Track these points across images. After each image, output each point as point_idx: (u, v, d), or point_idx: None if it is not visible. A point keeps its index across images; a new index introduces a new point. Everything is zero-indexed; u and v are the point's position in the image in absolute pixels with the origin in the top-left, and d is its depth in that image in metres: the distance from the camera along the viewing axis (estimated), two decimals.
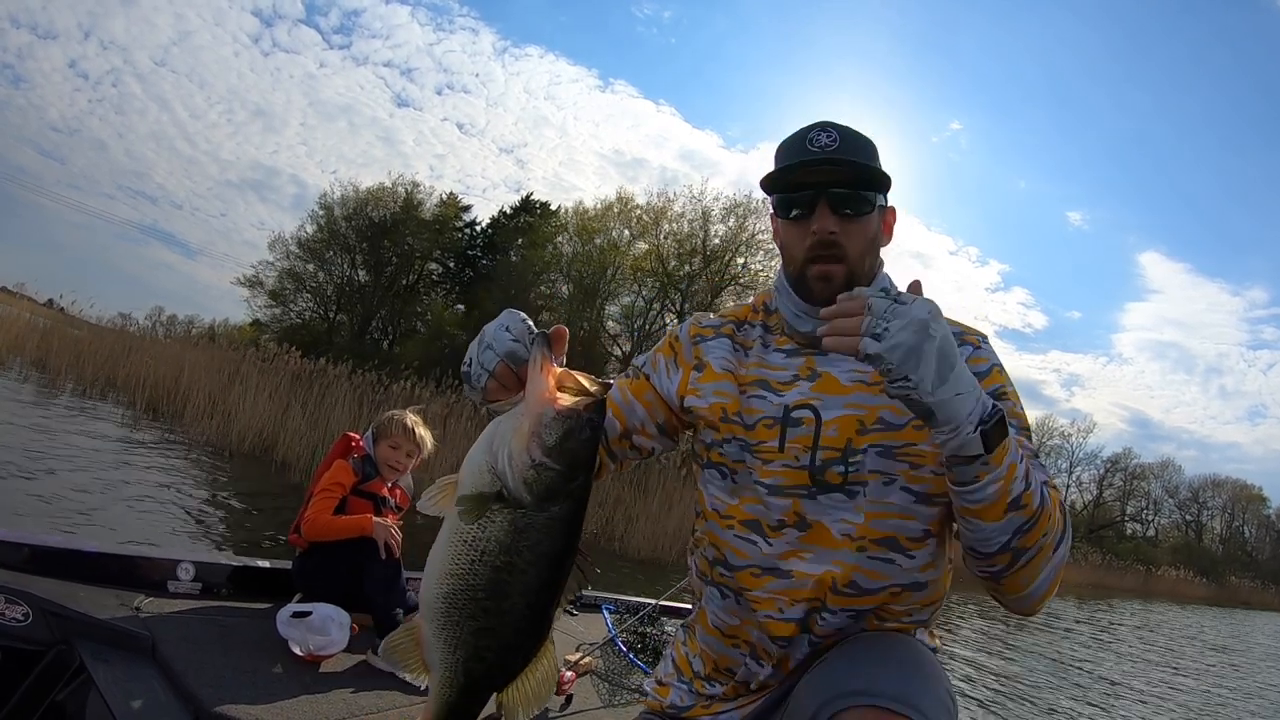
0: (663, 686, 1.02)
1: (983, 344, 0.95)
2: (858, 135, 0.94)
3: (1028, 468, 0.79)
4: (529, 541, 0.67)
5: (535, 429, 0.66)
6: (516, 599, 0.67)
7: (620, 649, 2.13)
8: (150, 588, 1.66)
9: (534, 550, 0.67)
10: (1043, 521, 0.79)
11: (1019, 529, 0.77)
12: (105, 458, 5.55)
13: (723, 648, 0.95)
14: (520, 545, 0.66)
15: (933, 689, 0.75)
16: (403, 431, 1.99)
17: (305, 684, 1.49)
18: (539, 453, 0.65)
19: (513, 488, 0.66)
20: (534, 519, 0.66)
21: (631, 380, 1.04)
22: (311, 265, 22.58)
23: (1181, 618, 17.65)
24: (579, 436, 0.67)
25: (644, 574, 6.62)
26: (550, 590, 0.69)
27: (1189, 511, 38.78)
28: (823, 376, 0.92)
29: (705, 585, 0.98)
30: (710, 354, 0.99)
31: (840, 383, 0.91)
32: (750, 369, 0.97)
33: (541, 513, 0.66)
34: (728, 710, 0.94)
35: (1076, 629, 10.78)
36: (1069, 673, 6.76)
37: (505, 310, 0.80)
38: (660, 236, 20.72)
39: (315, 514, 1.85)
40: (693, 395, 0.98)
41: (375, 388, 8.73)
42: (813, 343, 0.93)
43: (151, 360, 9.62)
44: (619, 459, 1.04)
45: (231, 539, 4.40)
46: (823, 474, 0.88)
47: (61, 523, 3.69)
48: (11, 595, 1.34)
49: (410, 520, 1.97)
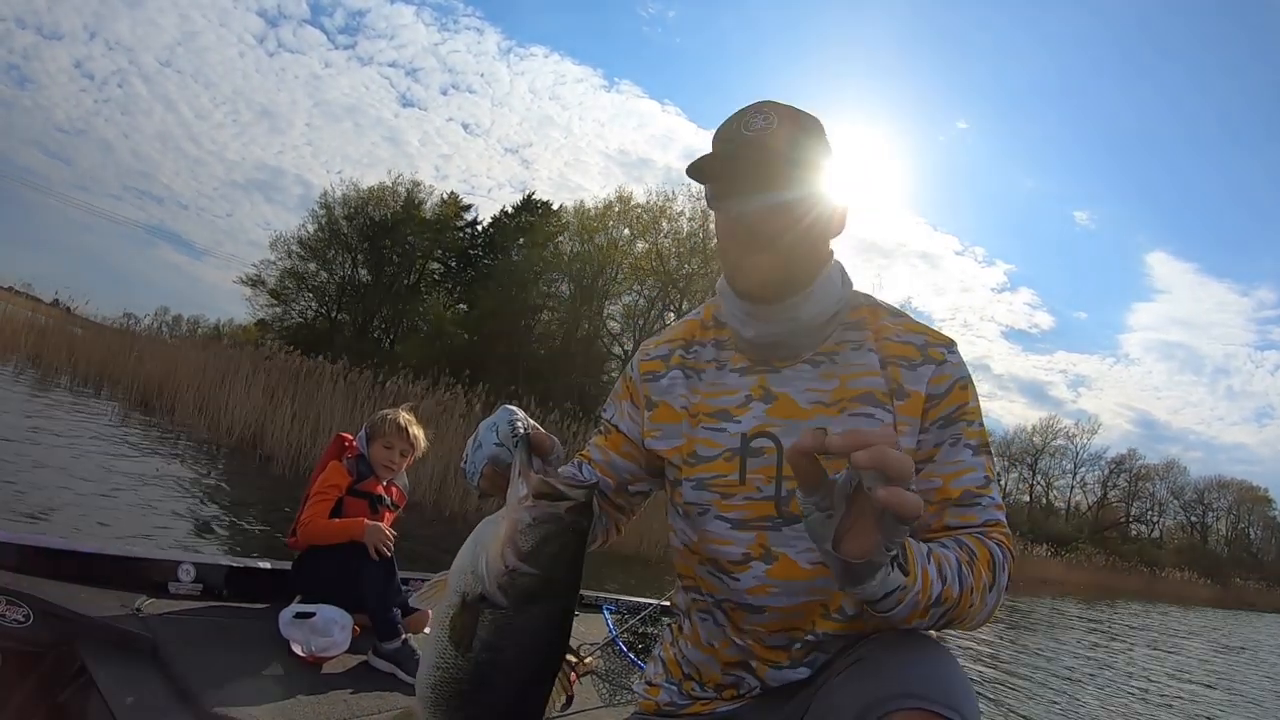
0: (653, 687, 1.01)
1: (948, 356, 0.88)
2: (798, 114, 0.87)
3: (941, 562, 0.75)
4: (510, 640, 0.68)
5: (510, 535, 0.67)
6: (501, 693, 0.69)
7: (620, 649, 2.13)
8: (151, 589, 1.66)
9: (516, 648, 0.69)
10: (964, 600, 0.76)
11: (943, 616, 0.76)
12: (95, 453, 5.56)
13: (714, 664, 0.93)
14: (502, 644, 0.68)
15: (971, 694, 0.74)
16: (396, 431, 1.99)
17: (306, 685, 1.49)
18: (514, 559, 0.67)
19: (490, 592, 0.67)
20: (514, 620, 0.68)
21: (605, 436, 1.02)
22: (313, 264, 22.65)
23: (1183, 619, 17.59)
24: (557, 542, 0.68)
25: (628, 571, 6.62)
26: (535, 686, 0.71)
27: (1194, 513, 38.69)
28: (779, 399, 0.88)
29: (690, 602, 0.96)
30: (664, 394, 0.95)
31: (799, 405, 0.86)
32: (706, 399, 0.92)
33: (520, 615, 0.68)
34: (727, 706, 0.92)
35: (1075, 630, 10.75)
36: (1069, 672, 6.74)
37: (501, 407, 0.82)
38: (660, 235, 20.74)
39: (310, 517, 1.86)
40: (651, 438, 0.95)
41: (371, 387, 8.75)
42: (762, 356, 0.90)
43: (147, 358, 9.69)
44: (626, 510, 1.03)
45: (226, 537, 4.40)
46: (788, 504, 0.84)
47: (48, 519, 3.69)
48: (12, 597, 1.34)
49: (408, 519, 1.98)
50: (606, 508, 1.00)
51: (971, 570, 0.77)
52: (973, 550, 0.80)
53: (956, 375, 0.88)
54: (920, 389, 0.86)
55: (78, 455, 5.33)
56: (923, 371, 0.86)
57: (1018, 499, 34.18)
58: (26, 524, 3.49)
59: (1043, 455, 35.81)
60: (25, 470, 4.49)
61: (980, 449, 0.87)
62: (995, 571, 0.80)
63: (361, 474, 1.95)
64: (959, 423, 0.86)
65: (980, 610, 0.79)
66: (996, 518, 0.85)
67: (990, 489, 0.86)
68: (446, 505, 6.43)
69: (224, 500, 5.24)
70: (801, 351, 0.89)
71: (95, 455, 5.50)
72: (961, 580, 0.76)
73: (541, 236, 21.71)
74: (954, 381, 0.87)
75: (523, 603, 0.68)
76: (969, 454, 0.86)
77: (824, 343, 0.89)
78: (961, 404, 0.87)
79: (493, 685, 0.69)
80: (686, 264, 20.29)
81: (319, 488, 1.89)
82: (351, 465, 1.95)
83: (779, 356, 0.89)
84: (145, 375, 9.07)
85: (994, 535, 0.84)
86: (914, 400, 0.85)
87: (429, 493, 6.69)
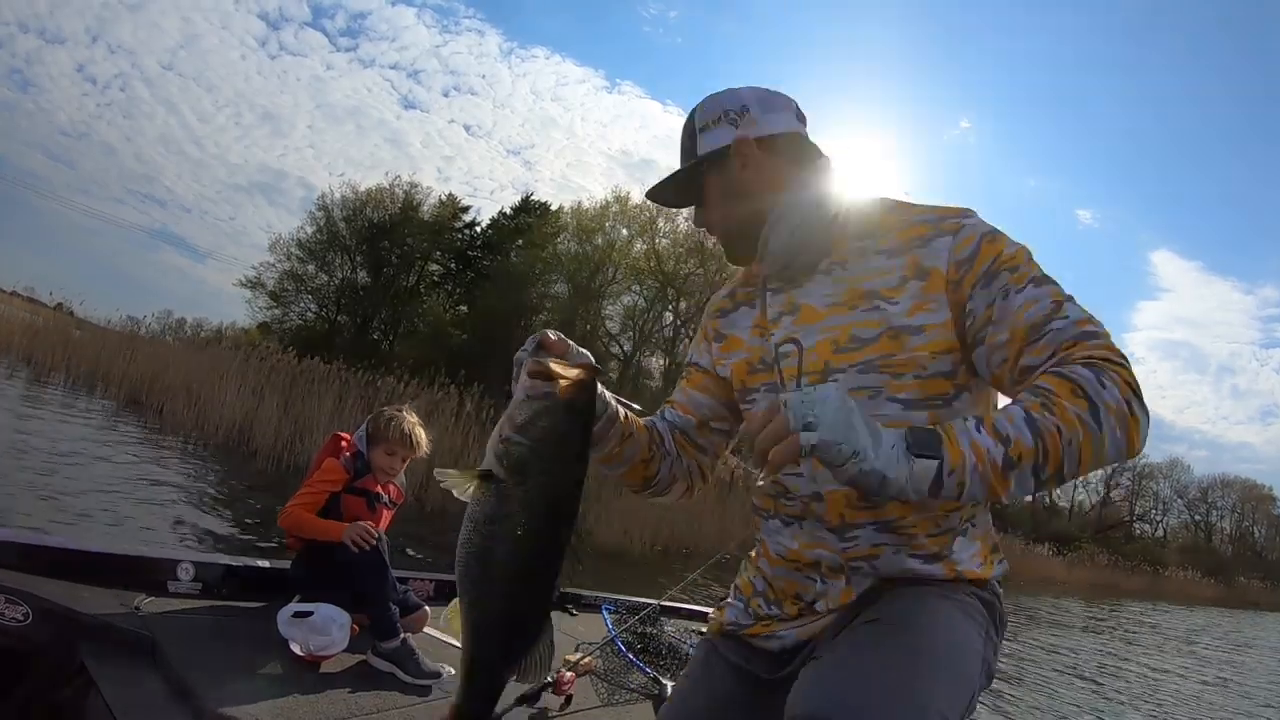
0: (720, 609, 1.07)
1: (964, 222, 0.87)
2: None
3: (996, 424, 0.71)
4: (509, 510, 0.73)
5: (508, 411, 0.75)
6: (505, 563, 0.74)
7: (620, 649, 2.12)
8: (150, 588, 1.67)
9: (514, 519, 0.73)
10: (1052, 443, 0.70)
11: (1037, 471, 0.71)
12: (85, 452, 5.58)
13: (789, 574, 0.97)
14: (502, 514, 0.73)
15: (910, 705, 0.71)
16: (399, 438, 1.96)
17: (305, 684, 1.49)
18: (508, 430, 0.74)
19: (490, 464, 0.74)
20: (511, 491, 0.73)
21: (687, 378, 1.11)
22: (312, 266, 22.63)
23: (1186, 618, 17.53)
24: (548, 416, 0.74)
25: (610, 566, 6.61)
26: (536, 559, 0.75)
27: (1198, 511, 38.56)
28: (802, 309, 0.95)
29: (765, 520, 1.02)
30: (731, 327, 1.06)
31: (817, 310, 0.93)
32: (756, 322, 1.02)
33: (517, 486, 0.73)
34: (787, 629, 0.97)
35: (1078, 628, 10.73)
36: (1069, 671, 6.72)
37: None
38: (657, 236, 20.74)
39: (295, 507, 1.83)
40: (720, 365, 1.06)
41: (364, 386, 8.75)
42: (784, 279, 0.98)
43: (139, 358, 9.74)
44: (708, 451, 1.10)
45: (221, 535, 4.41)
46: None
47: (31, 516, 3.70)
48: (12, 595, 1.34)
49: (405, 517, 1.97)
50: (689, 450, 1.08)
51: (1051, 410, 0.72)
52: (1048, 390, 0.73)
53: (980, 233, 0.86)
54: (940, 265, 0.86)
55: (68, 453, 5.35)
56: (938, 245, 0.86)
57: (1020, 498, 34.00)
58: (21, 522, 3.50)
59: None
60: (15, 470, 4.50)
61: (1039, 281, 0.82)
62: (1090, 393, 0.72)
63: (359, 471, 1.94)
64: (1001, 274, 0.84)
65: (1099, 439, 0.71)
66: (1073, 335, 0.78)
67: (1062, 310, 0.80)
68: (429, 502, 6.48)
69: (209, 496, 5.24)
70: (811, 266, 0.95)
71: (86, 453, 5.52)
72: (1034, 427, 0.71)
73: (540, 237, 21.71)
74: (978, 240, 0.86)
75: (518, 473, 0.73)
76: (1028, 292, 0.81)
77: (835, 254, 0.94)
78: (995, 256, 0.85)
79: (494, 556, 0.74)
80: (684, 264, 20.28)
81: (312, 482, 1.89)
82: (349, 462, 1.94)
83: (793, 276, 0.96)
84: (136, 375, 9.13)
85: (1076, 357, 0.76)
86: (935, 278, 0.86)
87: (411, 489, 6.69)
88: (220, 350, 11.06)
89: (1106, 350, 0.76)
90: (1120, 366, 0.74)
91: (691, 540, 8.34)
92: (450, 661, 1.75)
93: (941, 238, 0.87)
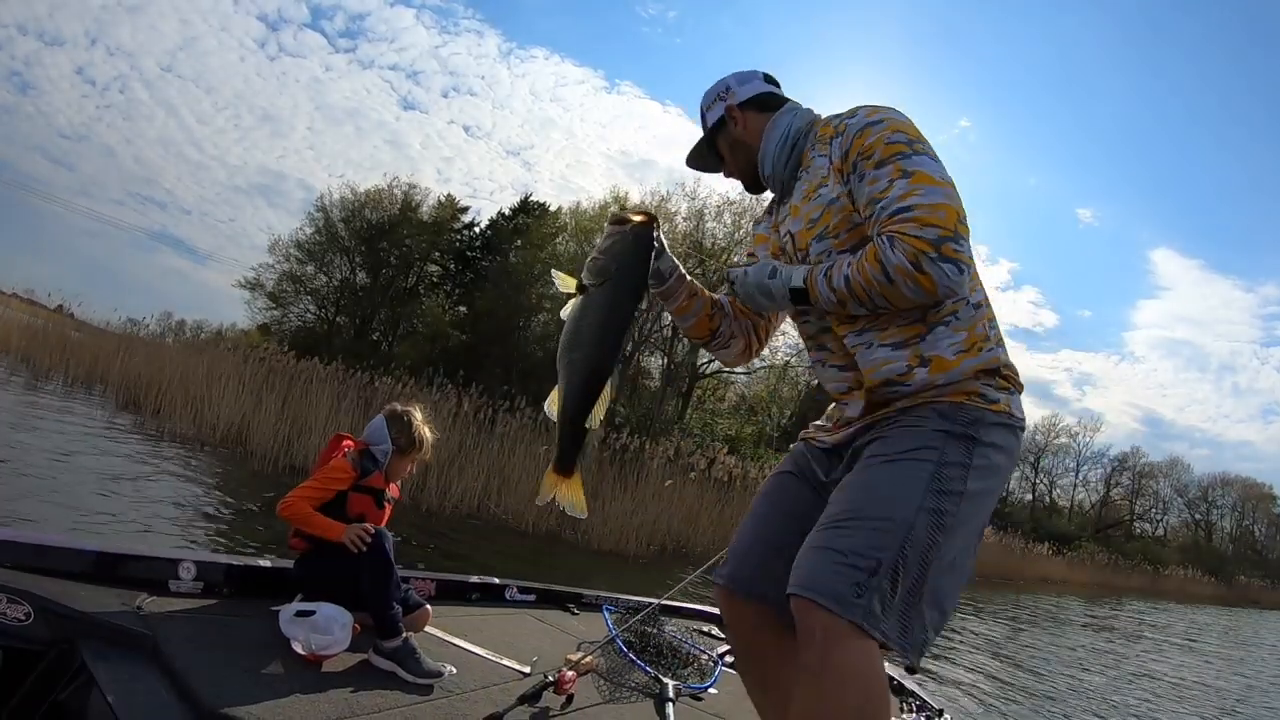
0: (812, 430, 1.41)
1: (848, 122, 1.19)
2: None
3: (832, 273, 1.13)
4: (591, 305, 1.21)
5: (598, 242, 1.24)
6: (586, 343, 1.19)
7: (621, 649, 2.12)
8: (152, 587, 1.66)
9: (594, 312, 1.20)
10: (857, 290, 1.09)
11: (862, 306, 1.11)
12: (86, 452, 5.59)
13: (824, 399, 1.37)
14: (586, 308, 1.21)
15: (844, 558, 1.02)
16: (422, 448, 2.03)
17: (307, 684, 1.49)
18: (595, 250, 1.22)
19: (582, 276, 1.23)
20: (594, 295, 1.20)
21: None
22: (311, 267, 22.60)
23: (1186, 616, 17.53)
24: (620, 241, 1.22)
25: (605, 567, 6.61)
26: (608, 331, 1.20)
27: (1198, 510, 38.55)
28: (790, 209, 1.28)
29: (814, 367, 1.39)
30: (762, 227, 1.42)
31: (797, 206, 1.26)
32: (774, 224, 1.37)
33: (598, 290, 1.20)
34: (827, 435, 1.31)
35: (1077, 627, 10.72)
36: (1070, 670, 6.72)
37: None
38: None
39: (297, 498, 1.83)
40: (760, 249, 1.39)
41: (362, 387, 8.75)
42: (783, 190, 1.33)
43: (137, 358, 9.74)
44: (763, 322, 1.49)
45: (220, 535, 4.41)
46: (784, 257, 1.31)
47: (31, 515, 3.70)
48: (13, 595, 1.34)
49: (403, 515, 1.97)
50: (745, 313, 1.46)
51: (859, 269, 1.09)
52: (865, 252, 1.10)
53: (854, 130, 1.16)
54: (836, 157, 1.18)
55: (67, 453, 5.35)
56: (835, 146, 1.19)
57: (1020, 497, 34.06)
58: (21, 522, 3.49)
59: (1045, 454, 35.66)
60: (15, 470, 4.50)
61: (882, 163, 1.10)
62: (882, 261, 1.06)
63: (365, 469, 1.94)
64: (861, 163, 1.13)
65: (891, 288, 1.06)
66: (891, 210, 1.07)
67: (890, 190, 1.08)
68: (424, 502, 6.49)
69: (207, 497, 5.25)
70: (791, 178, 1.30)
71: (85, 453, 5.53)
72: (848, 281, 1.10)
73: (539, 238, 21.69)
74: (851, 137, 1.16)
75: (597, 278, 1.20)
76: (870, 174, 1.11)
77: (804, 163, 1.27)
78: (860, 149, 1.14)
79: (581, 332, 1.20)
80: (682, 265, 20.25)
81: (319, 477, 1.88)
82: (355, 460, 1.94)
83: (786, 187, 1.32)
84: (134, 375, 9.12)
85: (886, 230, 1.07)
86: (835, 168, 1.19)
87: (406, 490, 6.71)
88: (218, 351, 11.06)
89: (911, 224, 1.04)
90: (911, 237, 1.03)
91: (691, 540, 8.35)
92: (452, 661, 1.75)
93: (836, 139, 1.19)
